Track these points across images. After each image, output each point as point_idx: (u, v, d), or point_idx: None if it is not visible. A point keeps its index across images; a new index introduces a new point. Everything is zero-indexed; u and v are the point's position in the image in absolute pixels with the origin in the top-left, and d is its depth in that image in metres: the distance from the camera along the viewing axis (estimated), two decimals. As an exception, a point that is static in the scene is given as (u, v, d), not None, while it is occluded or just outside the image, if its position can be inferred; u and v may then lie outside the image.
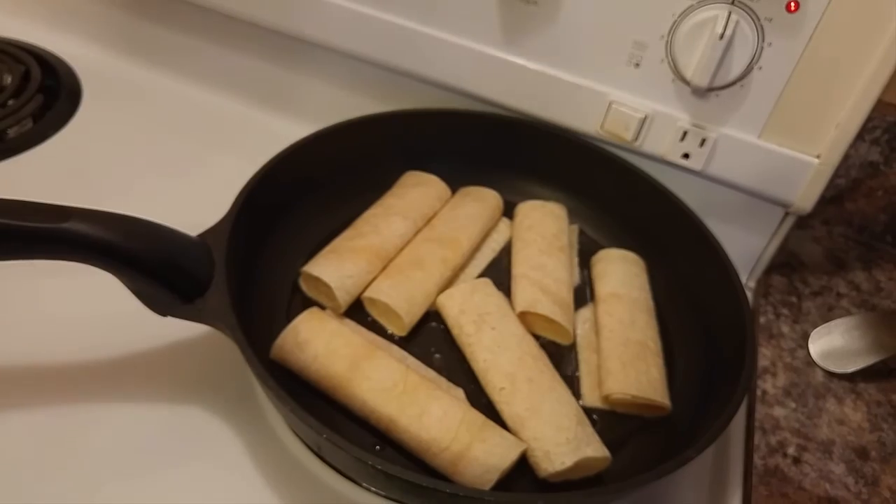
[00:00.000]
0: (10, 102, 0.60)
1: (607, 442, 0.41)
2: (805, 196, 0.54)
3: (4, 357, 0.43)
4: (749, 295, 0.59)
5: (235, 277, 0.40)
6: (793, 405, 0.49)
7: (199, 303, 0.38)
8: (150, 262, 0.37)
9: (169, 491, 0.39)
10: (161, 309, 0.39)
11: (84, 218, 0.35)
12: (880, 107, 0.57)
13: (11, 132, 0.58)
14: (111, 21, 0.69)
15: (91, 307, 0.46)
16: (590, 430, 0.41)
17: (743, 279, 0.60)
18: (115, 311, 0.43)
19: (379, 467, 0.33)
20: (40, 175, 0.55)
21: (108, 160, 0.58)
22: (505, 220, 0.56)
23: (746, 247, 0.58)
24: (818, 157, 0.52)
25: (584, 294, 0.53)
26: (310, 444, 0.39)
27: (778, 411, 0.48)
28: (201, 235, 0.41)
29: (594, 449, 0.40)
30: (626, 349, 0.46)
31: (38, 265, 0.37)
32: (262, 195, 0.45)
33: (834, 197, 0.64)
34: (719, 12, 0.48)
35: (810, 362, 0.53)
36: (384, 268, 0.48)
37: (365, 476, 0.37)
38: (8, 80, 0.62)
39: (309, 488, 0.40)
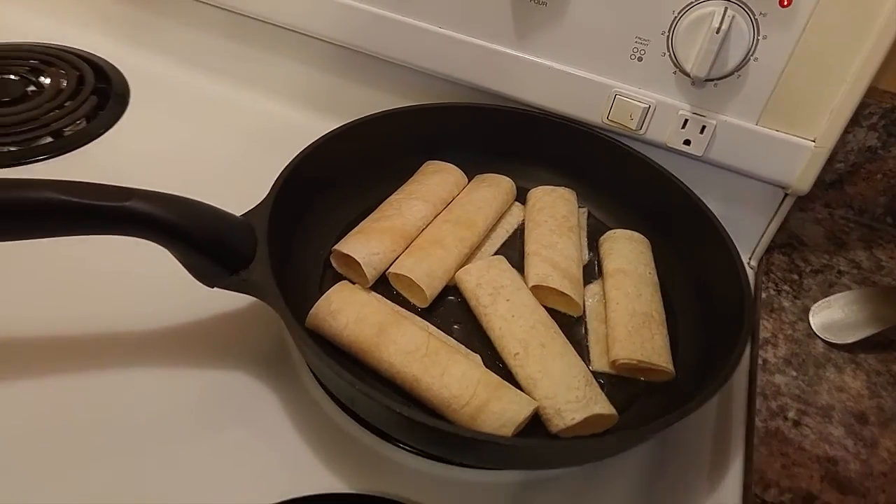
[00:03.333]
0: (67, 104, 0.66)
1: (615, 404, 0.45)
2: (803, 178, 0.57)
3: (64, 324, 0.48)
4: (751, 273, 0.62)
5: (275, 254, 0.44)
6: (793, 373, 0.52)
7: (244, 274, 0.43)
8: (199, 238, 0.41)
9: (213, 446, 0.43)
10: (209, 281, 0.43)
11: (144, 198, 0.39)
12: (876, 94, 0.61)
13: (68, 130, 0.64)
14: (158, 28, 0.74)
15: (141, 282, 0.51)
16: (598, 390, 0.45)
17: (746, 258, 0.63)
18: (163, 286, 0.49)
19: (406, 414, 0.37)
20: (93, 168, 0.60)
21: (155, 154, 0.63)
22: (518, 205, 0.60)
23: (748, 227, 0.62)
24: (814, 140, 0.55)
25: (592, 271, 0.56)
26: (343, 399, 0.43)
27: (779, 379, 0.51)
28: (245, 215, 0.45)
29: (602, 406, 0.43)
30: (632, 319, 0.49)
31: (96, 246, 0.41)
32: (296, 181, 0.49)
33: (834, 181, 0.67)
34: (716, 8, 0.52)
35: (811, 334, 0.55)
36: (407, 247, 0.52)
37: (392, 426, 0.41)
38: (65, 83, 0.68)
39: (340, 443, 0.44)
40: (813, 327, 0.56)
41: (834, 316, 0.56)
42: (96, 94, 0.68)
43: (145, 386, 0.45)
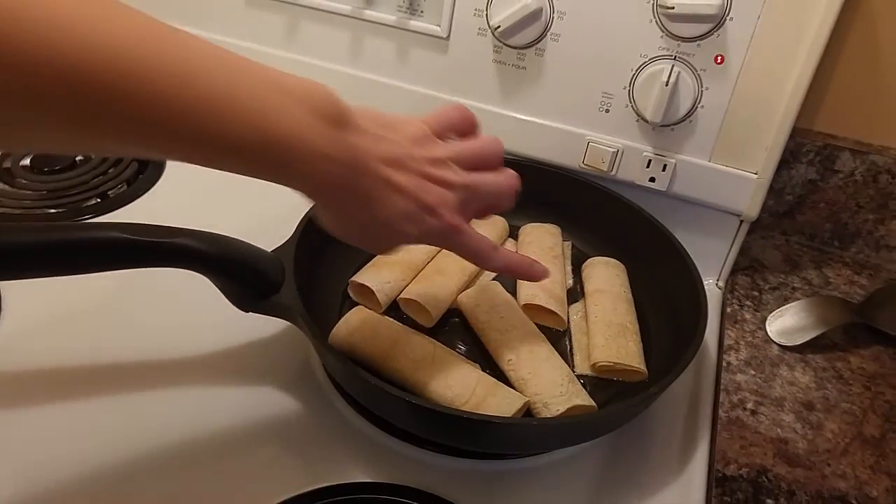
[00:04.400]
0: (111, 171, 0.75)
1: (596, 401, 0.52)
2: (751, 206, 0.66)
3: (118, 352, 0.55)
4: (718, 292, 0.71)
5: (300, 284, 0.52)
6: (752, 372, 0.60)
7: (275, 298, 0.51)
8: (236, 268, 0.50)
9: (249, 452, 0.50)
10: (245, 306, 0.52)
11: (189, 235, 0.48)
12: (811, 134, 0.71)
13: (111, 193, 0.73)
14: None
15: (180, 315, 0.59)
16: (579, 387, 0.53)
17: (713, 280, 0.71)
18: (199, 318, 0.57)
19: (417, 402, 0.45)
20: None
21: (189, 210, 0.68)
22: (511, 240, 0.69)
23: (712, 252, 0.70)
24: (756, 173, 0.65)
25: (576, 293, 0.65)
26: (362, 400, 0.51)
27: (739, 377, 0.59)
28: (274, 251, 0.54)
29: (582, 399, 0.51)
30: (609, 329, 0.58)
31: (143, 285, 0.49)
32: (315, 224, 0.58)
33: (786, 211, 0.76)
34: (665, 66, 0.62)
35: (768, 340, 0.63)
36: (414, 277, 0.61)
37: (406, 418, 0.48)
38: None
39: (363, 445, 0.51)
40: (769, 333, 0.64)
41: (786, 323, 0.64)
42: (137, 161, 0.77)
43: (185, 405, 0.52)
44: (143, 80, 0.29)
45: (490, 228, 0.68)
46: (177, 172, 0.78)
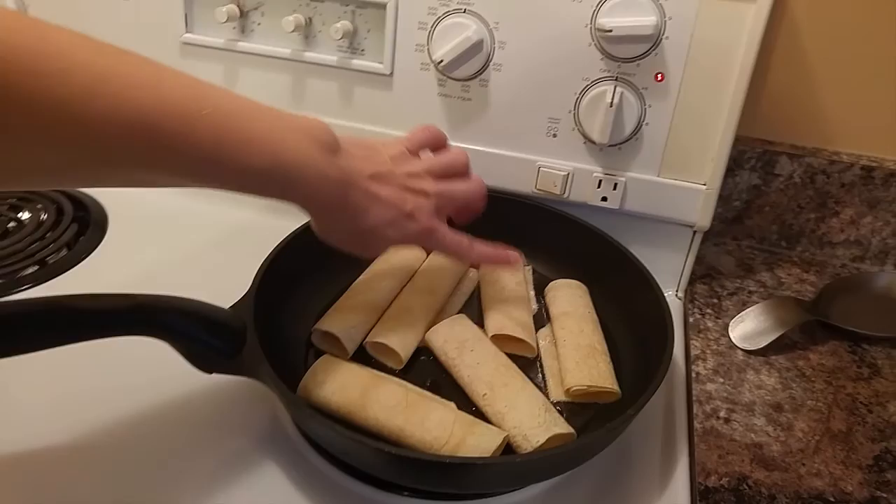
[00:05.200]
0: (48, 235, 0.71)
1: (574, 427, 0.51)
2: (702, 216, 0.68)
3: (82, 427, 0.53)
4: (679, 303, 0.72)
5: (263, 338, 0.51)
6: (721, 380, 0.61)
7: (238, 359, 0.49)
8: (195, 330, 0.48)
9: None
10: (208, 367, 0.50)
11: (144, 301, 0.46)
12: (750, 142, 0.73)
13: (51, 259, 0.69)
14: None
15: (141, 382, 0.57)
16: (556, 414, 0.53)
17: (672, 291, 0.73)
18: (161, 384, 0.56)
19: (395, 453, 0.44)
20: (79, 290, 0.65)
21: (137, 270, 0.69)
22: (473, 270, 0.69)
23: (669, 264, 0.71)
24: (705, 184, 0.67)
25: (541, 318, 0.65)
26: (338, 453, 0.49)
27: (710, 386, 0.60)
28: (232, 307, 0.52)
29: (561, 427, 0.51)
30: (578, 352, 0.58)
31: (98, 352, 0.47)
32: (273, 275, 0.57)
33: (735, 217, 0.78)
34: (608, 87, 0.63)
35: (732, 346, 0.65)
36: (379, 318, 0.60)
37: (384, 468, 0.47)
38: (44, 216, 0.73)
39: (338, 496, 0.50)
40: (732, 339, 0.65)
41: (747, 327, 0.65)
42: (76, 223, 0.73)
43: (156, 473, 0.50)
44: (196, 127, 0.37)
45: (450, 261, 0.67)
46: (119, 233, 0.75)
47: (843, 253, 0.77)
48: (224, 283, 0.54)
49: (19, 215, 0.74)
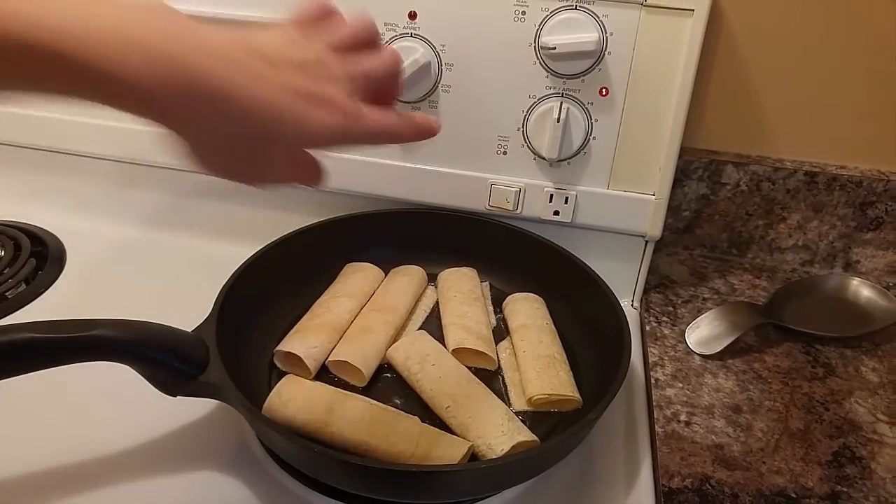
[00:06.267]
0: (6, 271, 0.71)
1: (537, 435, 0.52)
2: (653, 225, 0.69)
3: (45, 456, 0.52)
4: (635, 312, 0.73)
5: (225, 360, 0.51)
6: (680, 385, 0.62)
7: (202, 378, 0.49)
8: (158, 353, 0.48)
9: None
10: (172, 390, 0.49)
11: (106, 326, 0.46)
12: (696, 152, 0.76)
13: (9, 294, 0.68)
14: (82, 192, 0.82)
15: (104, 409, 0.56)
16: (519, 423, 0.53)
17: (628, 301, 0.74)
18: (124, 410, 0.55)
19: (362, 464, 0.44)
20: None
21: (96, 301, 0.69)
22: (431, 287, 0.70)
23: (624, 274, 0.73)
24: (654, 194, 0.68)
25: (501, 331, 0.65)
26: (306, 469, 0.49)
27: (669, 391, 0.61)
28: (195, 330, 0.52)
29: (524, 435, 0.51)
30: (538, 362, 0.59)
31: (57, 379, 0.47)
32: (234, 297, 0.57)
33: (686, 226, 0.80)
34: (554, 103, 0.65)
35: (689, 352, 0.66)
36: (341, 337, 0.60)
37: (352, 481, 0.47)
38: (2, 252, 0.73)
39: None
40: (689, 345, 0.66)
41: (703, 333, 0.67)
42: (34, 257, 0.73)
43: (124, 496, 0.50)
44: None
45: (408, 279, 0.68)
46: (78, 266, 0.75)
47: (792, 258, 0.80)
48: (185, 311, 0.54)
49: (-24, 252, 0.73)
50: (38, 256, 0.74)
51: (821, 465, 0.54)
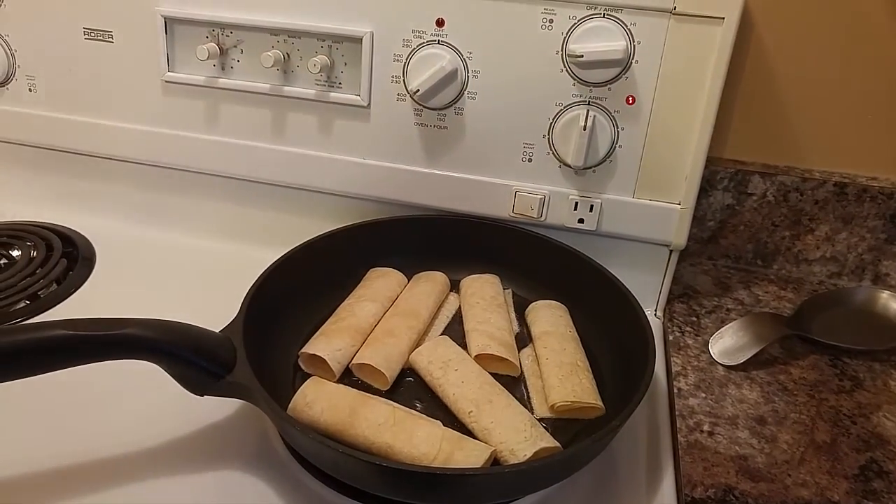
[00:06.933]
0: (39, 271, 0.72)
1: (559, 442, 0.52)
2: (678, 235, 0.69)
3: (68, 452, 0.53)
4: (658, 322, 0.73)
5: (252, 361, 0.51)
6: (703, 395, 0.61)
7: (229, 379, 0.50)
8: (187, 353, 0.49)
9: None
10: (199, 390, 0.50)
11: (138, 325, 0.47)
12: (722, 162, 0.75)
13: (42, 293, 0.70)
14: (110, 195, 0.84)
15: (131, 406, 0.57)
16: (542, 430, 0.53)
17: (651, 310, 0.74)
18: (152, 408, 0.56)
19: (385, 465, 0.44)
20: None
21: (125, 302, 0.69)
22: (453, 294, 0.70)
23: (647, 284, 0.72)
24: (679, 203, 0.68)
25: (523, 338, 0.65)
26: (328, 469, 0.49)
27: (692, 401, 0.60)
28: (222, 331, 0.53)
29: (546, 441, 0.51)
30: (561, 369, 0.58)
31: (87, 378, 0.48)
32: (261, 300, 0.58)
33: (710, 237, 0.80)
34: (580, 111, 0.65)
35: (712, 362, 0.65)
36: (364, 341, 0.61)
37: (375, 482, 0.47)
38: (34, 253, 0.75)
39: None
40: (713, 356, 0.66)
41: (727, 343, 0.66)
42: (66, 258, 0.75)
43: (149, 493, 0.51)
44: None
45: (431, 285, 0.68)
46: (108, 267, 0.76)
47: (819, 270, 0.79)
48: (212, 312, 0.55)
49: (10, 252, 0.75)
50: (69, 257, 0.76)
51: (847, 478, 0.53)
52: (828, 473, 0.53)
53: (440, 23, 0.67)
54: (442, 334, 0.64)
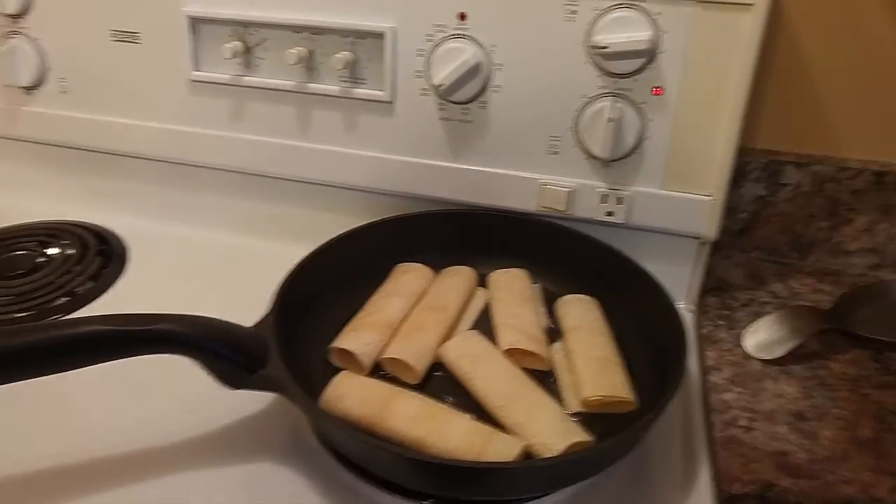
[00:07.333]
0: (76, 268, 0.74)
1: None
2: (709, 227, 0.68)
3: (109, 445, 0.54)
4: (690, 315, 0.71)
5: (284, 355, 0.52)
6: (738, 389, 0.60)
7: (262, 372, 0.50)
8: (222, 347, 0.49)
9: None
10: (233, 384, 0.51)
11: (173, 321, 0.48)
12: (753, 152, 0.74)
13: (79, 290, 0.72)
14: (140, 193, 0.85)
15: (169, 397, 0.58)
16: (574, 424, 0.52)
17: (682, 304, 0.72)
18: (184, 402, 0.57)
19: (419, 458, 0.44)
20: None
21: (158, 298, 0.71)
22: (481, 289, 0.69)
23: (678, 277, 0.71)
24: (710, 195, 0.67)
25: (553, 333, 0.64)
26: (361, 462, 0.49)
27: (727, 396, 0.59)
28: (255, 326, 0.53)
29: (580, 435, 0.51)
30: (593, 364, 0.58)
31: (129, 368, 0.49)
32: (291, 295, 0.58)
33: (742, 229, 0.78)
34: (606, 103, 0.64)
35: (747, 356, 0.63)
36: (392, 335, 0.60)
37: (408, 474, 0.47)
38: (71, 251, 0.77)
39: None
40: (748, 350, 0.64)
41: (762, 337, 0.64)
42: (100, 256, 0.77)
43: (183, 491, 0.51)
44: None
45: (458, 279, 0.68)
46: (141, 264, 0.78)
47: (858, 261, 0.77)
48: (241, 307, 0.55)
49: (47, 251, 0.77)
50: (103, 254, 0.77)
51: (893, 475, 0.51)
52: (871, 470, 0.52)
53: (462, 16, 0.67)
54: (470, 329, 0.64)
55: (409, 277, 0.67)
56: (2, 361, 0.44)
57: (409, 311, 0.63)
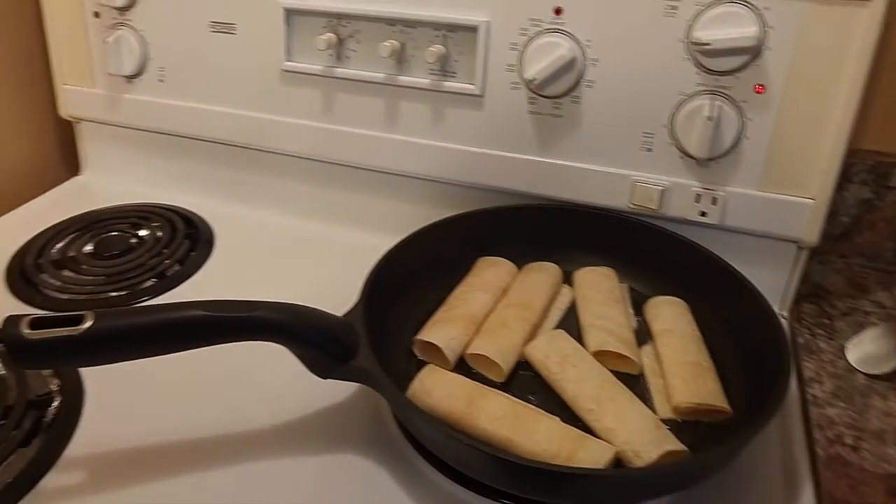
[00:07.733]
0: (165, 251, 0.77)
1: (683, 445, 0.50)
2: (810, 231, 0.65)
3: (192, 428, 0.55)
4: (785, 322, 0.68)
5: (372, 346, 0.52)
6: (842, 405, 0.57)
7: (353, 363, 0.50)
8: (315, 336, 0.50)
9: None
10: (324, 373, 0.51)
11: (268, 308, 0.48)
12: (860, 154, 0.70)
13: (168, 272, 0.74)
14: (229, 180, 0.87)
15: (250, 387, 0.59)
16: (667, 431, 0.50)
17: (776, 309, 0.69)
18: (269, 390, 0.58)
19: (511, 459, 0.43)
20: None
21: (242, 283, 0.73)
22: (566, 286, 0.68)
23: (773, 282, 0.68)
24: (812, 198, 0.64)
25: (642, 335, 0.62)
26: (448, 459, 0.49)
27: (830, 411, 0.56)
28: (345, 315, 0.54)
29: (673, 444, 0.49)
30: (684, 369, 0.56)
31: (223, 354, 0.50)
32: (378, 286, 0.58)
33: (843, 233, 0.74)
34: (704, 101, 0.62)
35: (850, 369, 0.60)
36: (477, 331, 0.60)
37: (495, 475, 0.46)
38: (161, 234, 0.79)
39: (440, 498, 0.50)
40: (851, 363, 0.61)
41: (867, 350, 0.61)
42: (188, 239, 0.79)
43: (266, 477, 0.52)
44: None
45: (544, 276, 0.67)
46: (226, 248, 0.79)
47: (968, 272, 0.72)
48: (326, 295, 0.56)
49: (138, 232, 0.80)
50: (191, 238, 0.80)
51: None
52: None
53: (558, 11, 0.65)
54: (556, 328, 0.63)
55: (493, 272, 0.67)
56: (109, 342, 0.45)
57: (492, 306, 0.63)
